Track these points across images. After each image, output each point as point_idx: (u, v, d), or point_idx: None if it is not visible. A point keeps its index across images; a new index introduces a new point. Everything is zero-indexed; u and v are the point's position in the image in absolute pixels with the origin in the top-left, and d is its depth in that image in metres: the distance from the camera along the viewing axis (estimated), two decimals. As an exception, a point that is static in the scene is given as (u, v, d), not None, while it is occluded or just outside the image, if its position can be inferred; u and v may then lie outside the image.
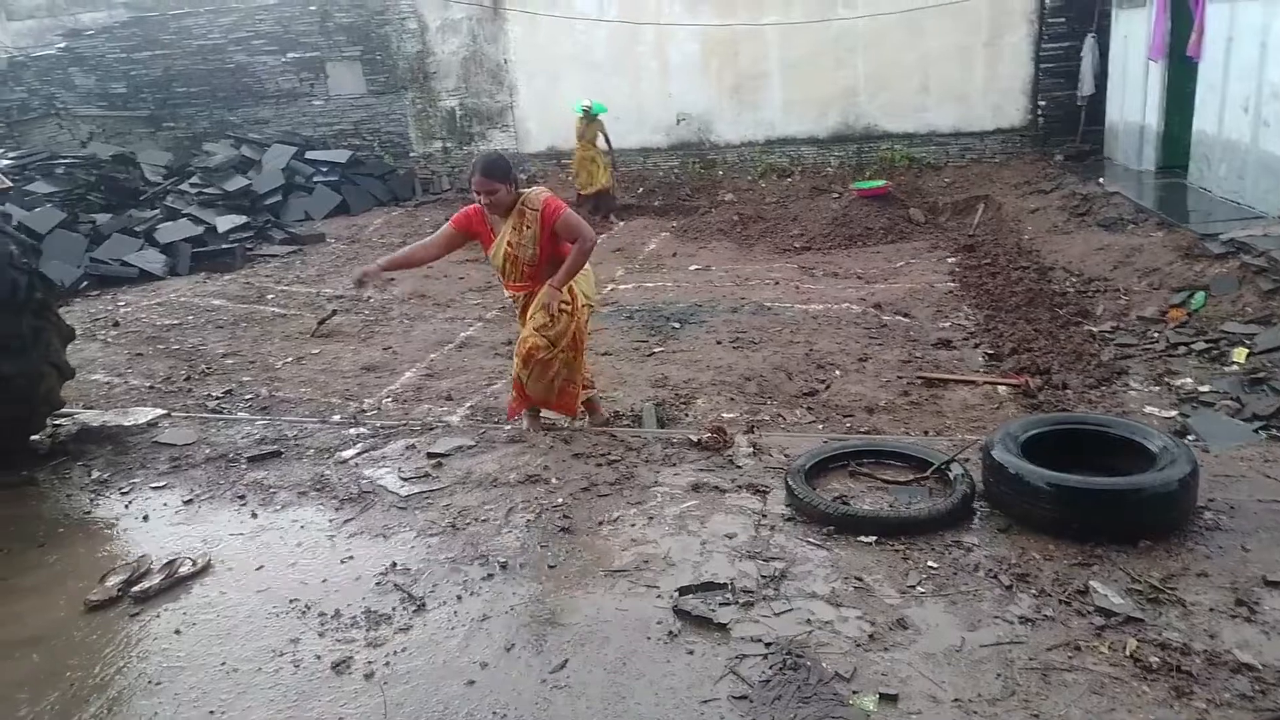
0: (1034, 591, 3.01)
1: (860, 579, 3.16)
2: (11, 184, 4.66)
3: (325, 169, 13.29)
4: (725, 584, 3.18)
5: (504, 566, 3.45)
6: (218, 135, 14.76)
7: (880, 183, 11.65)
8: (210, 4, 17.49)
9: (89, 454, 4.79)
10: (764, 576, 3.21)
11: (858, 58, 12.71)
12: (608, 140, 12.47)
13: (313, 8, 14.94)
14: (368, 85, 14.90)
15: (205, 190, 12.21)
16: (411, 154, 14.88)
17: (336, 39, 14.79)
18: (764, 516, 3.63)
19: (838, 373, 6.04)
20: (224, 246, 10.71)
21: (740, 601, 3.07)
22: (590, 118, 12.22)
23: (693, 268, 9.61)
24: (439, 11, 14.18)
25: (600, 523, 3.71)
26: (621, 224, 12.14)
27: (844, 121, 13.05)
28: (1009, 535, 3.36)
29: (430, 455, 4.42)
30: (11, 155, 12.90)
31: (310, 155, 13.55)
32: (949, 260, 9.18)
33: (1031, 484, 3.34)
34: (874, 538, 3.39)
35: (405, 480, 4.20)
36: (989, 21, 12.24)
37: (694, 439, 4.36)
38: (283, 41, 15.01)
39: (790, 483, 3.68)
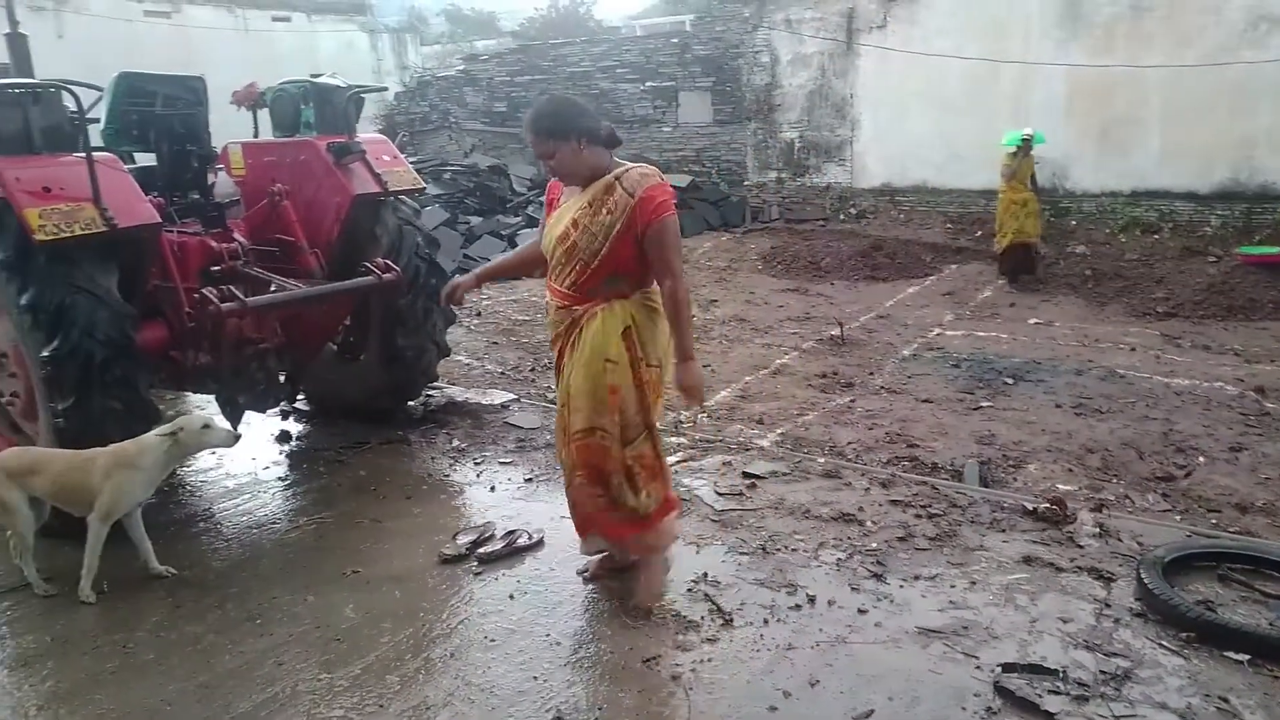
0: None
1: (1225, 700, 2.74)
2: (424, 185, 5.43)
3: (666, 191, 14.08)
4: (1056, 671, 2.90)
5: (812, 600, 3.41)
6: (576, 153, 16.19)
7: (1276, 249, 10.09)
8: (585, 35, 19.26)
9: (452, 424, 5.44)
10: (1103, 672, 2.89)
11: (1262, 105, 11.11)
12: (1034, 180, 10.48)
13: (674, 40, 15.91)
14: (714, 115, 15.56)
15: (560, 202, 13.44)
16: (745, 182, 15.31)
17: (692, 69, 15.61)
18: (1107, 606, 3.27)
19: (1202, 460, 5.29)
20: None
21: (1072, 694, 2.79)
22: (1026, 151, 10.31)
23: (1032, 321, 8.94)
24: (792, 46, 14.47)
25: (916, 577, 3.55)
26: (954, 267, 11.58)
27: (1233, 177, 11.47)
28: None
29: (745, 475, 4.50)
30: (412, 160, 15.05)
31: (655, 177, 14.42)
32: (1361, 348, 7.72)
33: None
34: (1246, 656, 2.93)
35: (720, 495, 4.31)
36: None
37: (1029, 507, 4.03)
38: (643, 71, 16.12)
39: (1144, 575, 3.28)
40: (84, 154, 3.79)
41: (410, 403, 5.60)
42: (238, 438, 3.67)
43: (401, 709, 2.87)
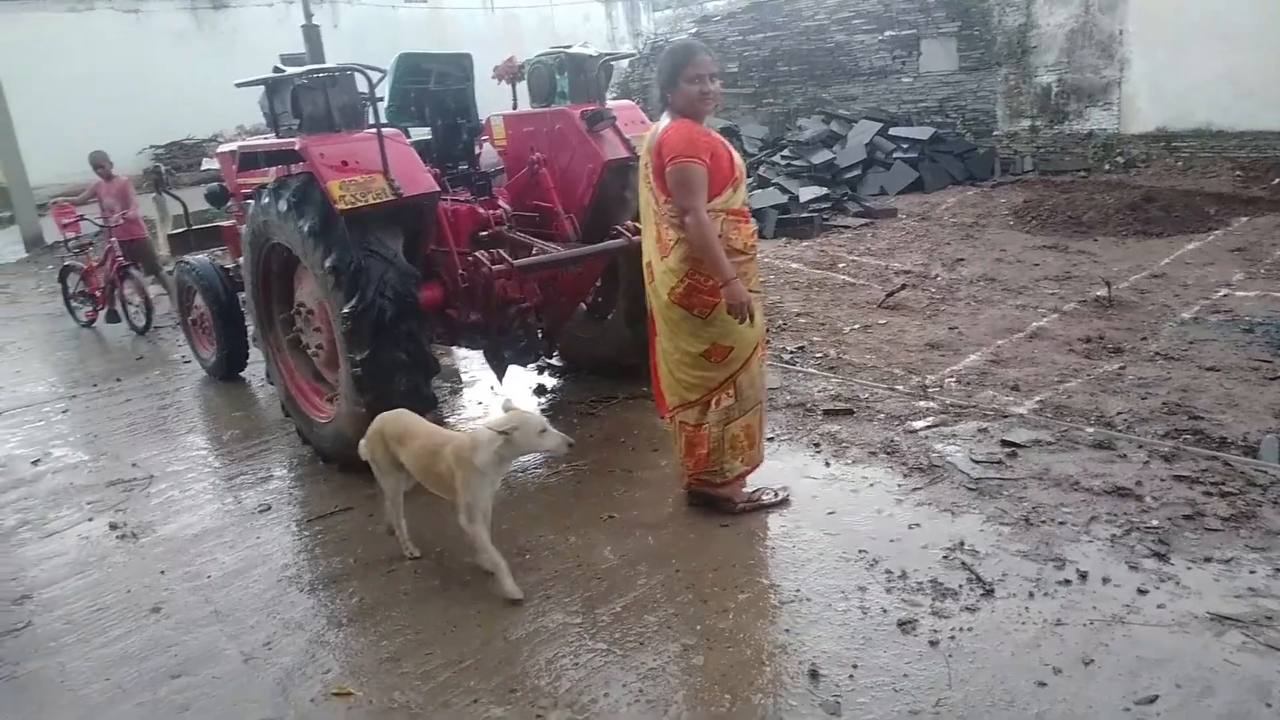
0: None
1: None
2: None
3: (905, 145, 13.43)
4: (1389, 674, 2.55)
5: (1083, 576, 3.20)
6: (809, 111, 15.81)
7: None
8: (819, -13, 18.64)
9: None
10: None
11: None
12: None
13: (916, -16, 15.07)
14: (959, 62, 14.62)
15: (794, 162, 13.22)
16: (994, 132, 14.30)
17: (935, 15, 14.73)
18: None
19: None
20: (804, 215, 11.50)
21: None
22: None
23: (1347, 281, 7.75)
24: (1051, -19, 13.28)
25: (1207, 559, 3.23)
26: (1244, 220, 10.24)
27: None
28: None
29: (1004, 443, 4.27)
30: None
31: (893, 132, 13.79)
32: None
33: None
34: None
35: (976, 462, 4.12)
36: None
37: (1348, 489, 3.54)
38: (881, 20, 15.41)
39: None
40: (374, 129, 4.18)
41: (656, 361, 5.78)
42: (571, 445, 3.31)
43: (660, 649, 3.01)
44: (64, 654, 3.26)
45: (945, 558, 3.39)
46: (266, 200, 4.44)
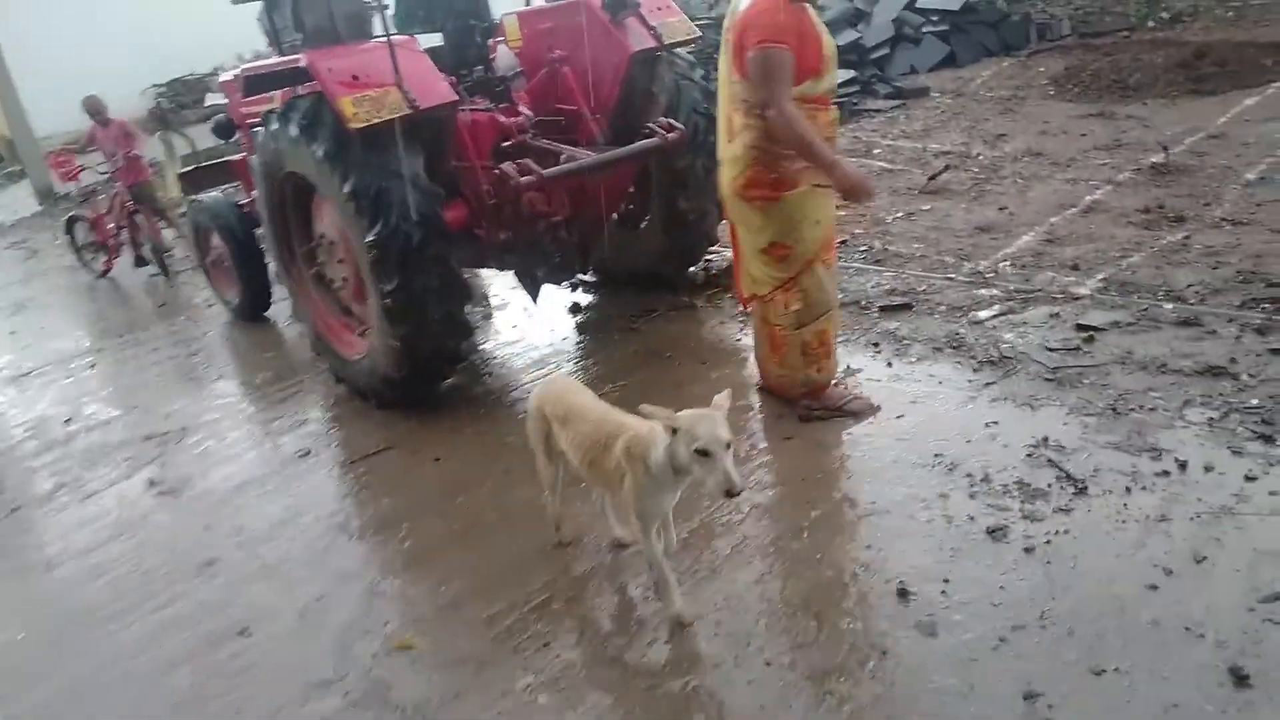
0: None
1: None
2: (700, 33, 5.09)
3: (935, 18, 12.65)
4: None
5: (1183, 465, 2.98)
6: (829, -10, 14.95)
7: None
8: None
9: (734, 288, 5.29)
10: None
11: None
12: None
13: None
14: (986, -79, 13.66)
15: (816, 46, 12.53)
16: (1028, -4, 13.46)
17: (958, -128, 13.70)
18: None
19: None
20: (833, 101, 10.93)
21: None
22: None
23: None
24: None
25: (1319, 437, 2.98)
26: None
27: None
28: None
29: (1080, 327, 4.00)
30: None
31: (920, 4, 12.98)
32: None
33: None
34: None
35: (1051, 350, 3.86)
36: None
37: None
38: (900, -118, 14.39)
39: None
40: (384, 38, 3.84)
41: (691, 269, 5.50)
42: (731, 493, 2.25)
43: (734, 576, 2.85)
44: (113, 623, 3.15)
45: (1029, 456, 3.16)
46: (276, 126, 4.15)
